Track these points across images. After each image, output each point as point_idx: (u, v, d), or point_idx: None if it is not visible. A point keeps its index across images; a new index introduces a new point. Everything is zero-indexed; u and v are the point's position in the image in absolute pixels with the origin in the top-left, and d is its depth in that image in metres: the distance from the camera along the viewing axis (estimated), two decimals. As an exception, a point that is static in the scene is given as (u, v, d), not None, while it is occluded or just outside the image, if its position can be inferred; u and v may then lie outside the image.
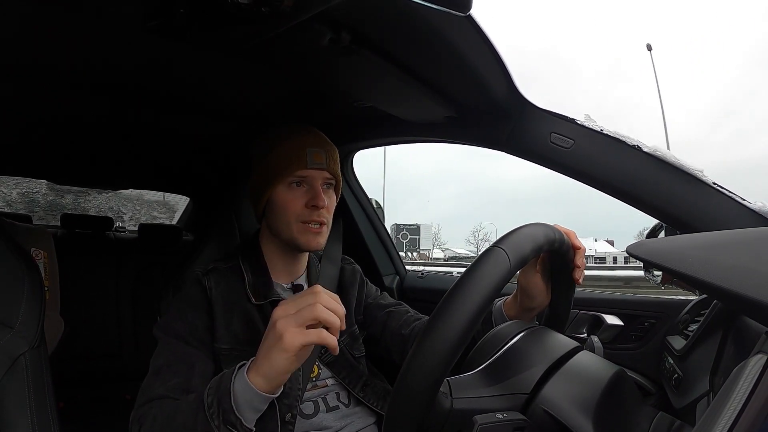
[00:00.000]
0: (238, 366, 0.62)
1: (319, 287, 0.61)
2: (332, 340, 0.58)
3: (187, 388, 0.71)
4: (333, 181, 0.86)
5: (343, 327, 0.60)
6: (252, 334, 0.78)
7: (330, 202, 0.84)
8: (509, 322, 0.60)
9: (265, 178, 0.83)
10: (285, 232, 0.82)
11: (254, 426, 0.61)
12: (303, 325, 0.57)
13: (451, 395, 0.47)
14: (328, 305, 0.59)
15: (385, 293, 1.03)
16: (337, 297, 0.61)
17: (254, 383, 0.59)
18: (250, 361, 0.62)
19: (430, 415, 0.46)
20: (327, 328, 0.59)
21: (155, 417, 0.67)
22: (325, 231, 0.83)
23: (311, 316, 0.58)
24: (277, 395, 0.62)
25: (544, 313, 0.71)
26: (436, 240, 39.31)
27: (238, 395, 0.59)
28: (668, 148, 0.76)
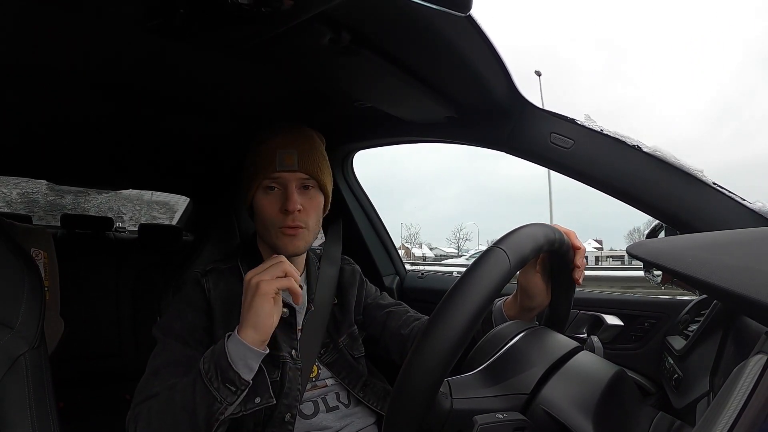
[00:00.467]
0: (227, 335, 0.68)
1: (280, 256, 0.73)
2: (298, 288, 0.70)
3: None
4: (312, 181, 0.82)
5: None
6: None
7: (309, 203, 0.82)
8: (509, 322, 0.60)
9: (245, 184, 0.84)
10: (266, 236, 0.83)
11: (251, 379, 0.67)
12: (274, 277, 0.69)
13: (451, 396, 0.47)
14: (294, 267, 0.71)
15: (385, 293, 1.02)
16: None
17: (245, 338, 0.66)
18: (236, 329, 0.68)
19: (430, 415, 0.46)
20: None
21: (150, 407, 0.68)
22: (305, 234, 0.81)
23: (280, 269, 0.70)
24: (267, 352, 0.69)
25: (544, 313, 0.71)
26: (415, 239, 44.53)
27: (232, 353, 0.66)
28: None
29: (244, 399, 0.68)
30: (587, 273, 0.68)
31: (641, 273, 0.90)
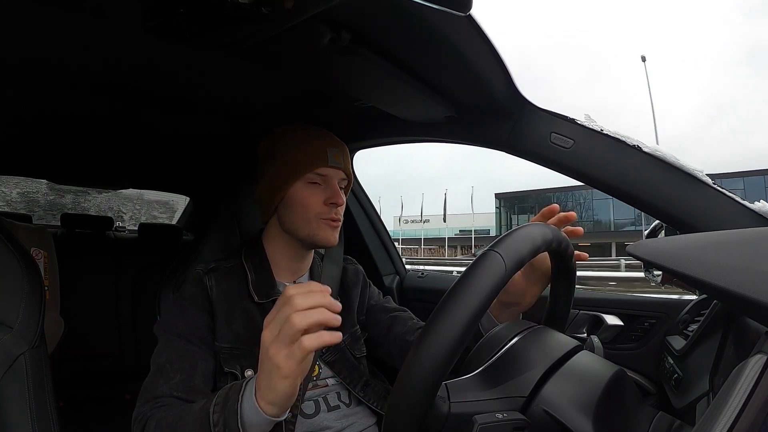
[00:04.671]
0: (245, 383, 0.60)
1: (290, 291, 0.55)
2: (332, 338, 0.54)
3: (191, 386, 0.71)
4: (346, 182, 0.88)
5: (338, 313, 0.55)
6: (253, 333, 0.78)
7: (343, 202, 0.86)
8: (509, 322, 0.60)
9: (283, 175, 0.83)
10: (303, 228, 0.83)
11: None
12: (292, 342, 0.53)
13: (448, 399, 0.47)
14: (306, 305, 0.53)
15: (389, 297, 1.03)
16: (316, 286, 0.56)
17: (263, 408, 0.57)
18: (254, 378, 0.59)
19: (428, 420, 0.45)
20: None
21: (159, 421, 0.66)
22: (340, 228, 0.87)
23: (293, 332, 0.52)
24: (284, 418, 0.60)
25: (544, 312, 0.71)
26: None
27: (245, 417, 0.57)
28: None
29: None
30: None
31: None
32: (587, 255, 0.71)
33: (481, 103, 0.87)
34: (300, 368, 0.54)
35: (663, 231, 0.87)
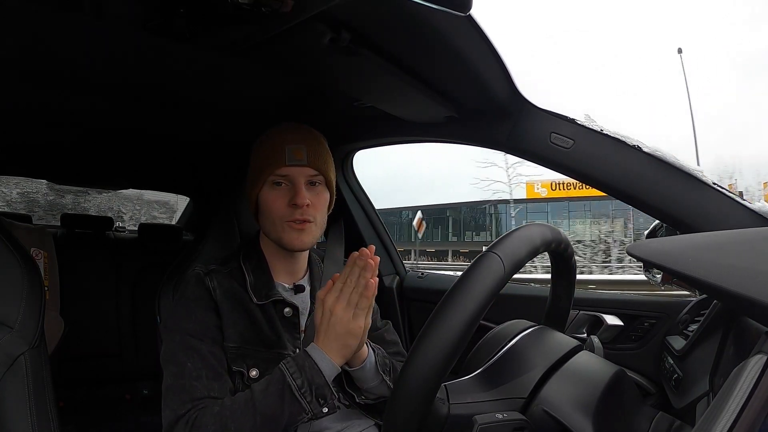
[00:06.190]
0: (302, 351, 0.71)
1: (323, 299, 0.70)
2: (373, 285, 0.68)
3: (223, 383, 0.73)
4: (319, 178, 0.82)
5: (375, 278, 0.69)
6: (256, 334, 0.78)
7: (317, 199, 0.82)
8: (509, 322, 0.60)
9: (251, 180, 0.83)
10: (272, 232, 0.81)
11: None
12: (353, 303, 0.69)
13: (448, 401, 0.47)
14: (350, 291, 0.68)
15: (389, 323, 0.99)
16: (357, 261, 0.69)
17: (337, 363, 0.69)
18: (311, 345, 0.70)
19: (428, 421, 0.45)
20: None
21: (220, 415, 0.67)
22: (312, 229, 0.81)
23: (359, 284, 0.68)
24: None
25: (545, 313, 0.71)
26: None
27: (325, 373, 0.69)
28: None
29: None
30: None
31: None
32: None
33: (481, 104, 0.87)
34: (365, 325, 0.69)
35: (663, 231, 0.87)
